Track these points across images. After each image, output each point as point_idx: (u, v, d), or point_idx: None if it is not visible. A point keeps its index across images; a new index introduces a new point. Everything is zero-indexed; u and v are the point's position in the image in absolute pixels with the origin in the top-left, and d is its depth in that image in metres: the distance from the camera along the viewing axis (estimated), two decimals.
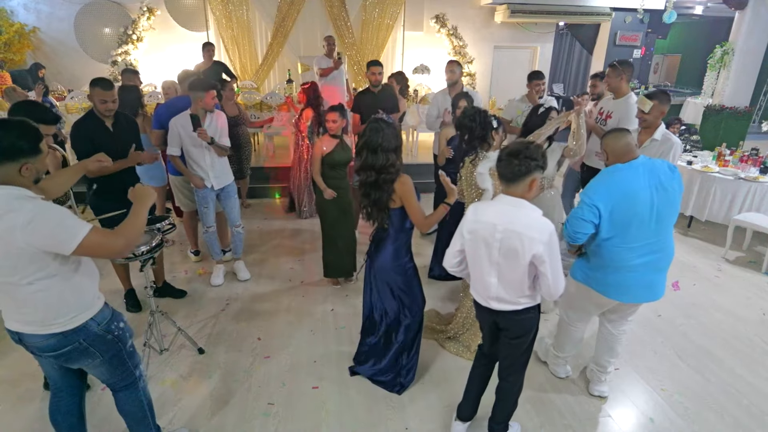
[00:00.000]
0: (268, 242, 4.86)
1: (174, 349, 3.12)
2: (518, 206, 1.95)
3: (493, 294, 2.07)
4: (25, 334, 1.78)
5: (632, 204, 2.24)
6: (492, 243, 1.98)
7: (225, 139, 3.65)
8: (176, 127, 3.49)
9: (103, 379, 2.02)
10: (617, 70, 3.82)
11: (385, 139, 2.45)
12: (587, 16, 8.77)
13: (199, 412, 2.62)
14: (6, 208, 1.58)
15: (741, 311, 3.75)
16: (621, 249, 2.32)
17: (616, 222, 2.27)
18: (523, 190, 1.95)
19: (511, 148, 1.95)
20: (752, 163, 5.20)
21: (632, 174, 2.27)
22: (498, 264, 2.00)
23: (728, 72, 8.16)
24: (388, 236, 2.59)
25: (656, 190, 2.26)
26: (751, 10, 7.74)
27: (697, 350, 3.25)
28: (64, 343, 1.79)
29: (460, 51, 8.68)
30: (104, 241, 1.71)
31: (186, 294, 3.79)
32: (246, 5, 8.04)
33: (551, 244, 1.90)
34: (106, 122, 3.06)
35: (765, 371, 3.05)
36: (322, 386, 2.83)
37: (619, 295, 2.43)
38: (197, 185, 3.64)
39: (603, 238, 2.33)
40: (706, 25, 11.85)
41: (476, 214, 2.05)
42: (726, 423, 2.63)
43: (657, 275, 2.42)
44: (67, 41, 7.77)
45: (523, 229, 1.91)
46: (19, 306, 1.72)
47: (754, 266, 4.54)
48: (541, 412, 2.65)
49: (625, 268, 2.35)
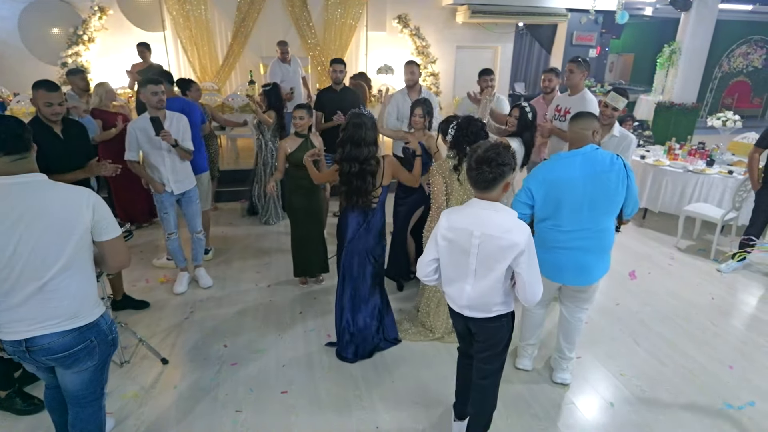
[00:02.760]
0: (233, 246, 4.77)
1: (136, 361, 3.01)
2: (493, 209, 1.91)
3: (465, 302, 2.04)
4: (39, 336, 1.74)
5: (563, 190, 2.41)
6: (470, 249, 1.93)
7: (188, 142, 3.55)
8: (134, 131, 3.37)
9: (78, 390, 1.94)
10: (582, 65, 3.88)
11: (367, 134, 2.76)
12: (545, 16, 9.02)
13: (163, 424, 2.54)
14: (70, 190, 1.74)
15: (692, 296, 3.95)
16: (553, 231, 2.49)
17: (549, 206, 2.45)
18: (498, 194, 1.93)
19: (479, 155, 1.87)
20: (699, 156, 5.50)
21: (568, 162, 2.43)
22: (475, 271, 1.96)
23: (676, 70, 8.58)
24: (376, 212, 2.96)
25: (590, 179, 2.39)
26: (695, 11, 8.16)
27: (653, 335, 3.41)
28: (79, 340, 1.80)
29: (423, 51, 8.75)
30: (126, 248, 1.90)
31: (149, 305, 3.65)
32: (204, 5, 7.83)
33: (529, 246, 1.88)
34: (54, 128, 2.89)
35: (714, 352, 3.23)
36: (292, 390, 2.80)
37: (553, 275, 2.56)
38: (157, 190, 3.53)
39: (538, 219, 2.54)
40: (656, 26, 12.42)
41: (450, 221, 1.99)
42: (680, 403, 2.76)
43: (589, 259, 2.51)
44: (11, 41, 7.35)
45: (501, 233, 1.87)
46: (54, 301, 1.72)
47: (703, 254, 4.79)
48: (508, 403, 2.71)
49: (557, 249, 2.50)
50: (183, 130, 3.51)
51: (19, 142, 1.71)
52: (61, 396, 2.02)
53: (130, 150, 3.42)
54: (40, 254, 1.66)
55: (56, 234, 1.67)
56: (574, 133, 2.50)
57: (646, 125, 7.74)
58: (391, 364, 3.03)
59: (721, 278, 4.32)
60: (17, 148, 1.70)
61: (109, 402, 2.12)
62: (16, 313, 1.71)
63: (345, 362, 3.04)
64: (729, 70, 11.85)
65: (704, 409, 2.71)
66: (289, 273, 4.07)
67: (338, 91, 4.64)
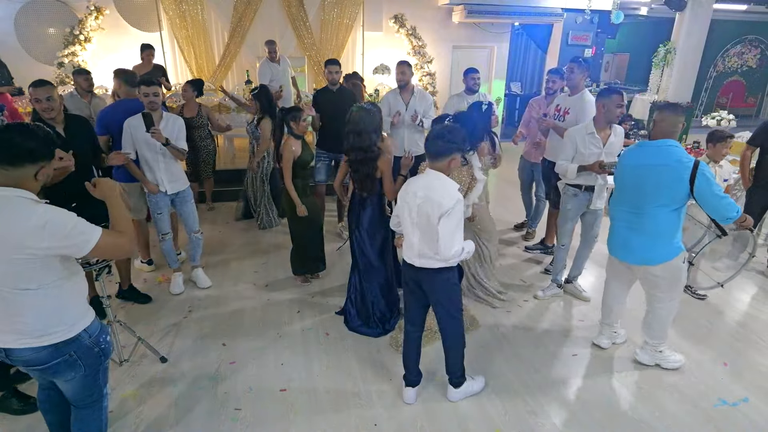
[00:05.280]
0: (230, 246, 4.78)
1: (135, 360, 3.02)
2: (437, 178, 2.33)
3: (416, 251, 2.42)
4: (15, 348, 1.71)
5: (625, 172, 2.80)
6: (413, 207, 2.37)
7: (182, 142, 3.56)
8: (129, 129, 3.38)
9: (71, 395, 1.94)
10: (582, 65, 3.91)
11: (366, 124, 3.02)
12: (540, 16, 9.06)
13: (162, 422, 2.55)
14: (19, 211, 1.58)
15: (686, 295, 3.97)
16: (614, 204, 2.90)
17: (617, 182, 2.88)
18: (443, 166, 2.32)
19: (436, 131, 2.34)
20: (694, 155, 5.54)
21: (639, 150, 2.77)
22: (417, 224, 2.37)
23: (671, 70, 8.64)
24: (373, 198, 3.22)
25: (645, 168, 2.67)
26: (689, 11, 8.22)
27: None
28: (55, 355, 1.74)
29: (419, 51, 8.78)
30: (116, 241, 1.74)
31: (151, 300, 3.70)
32: (201, 5, 7.83)
33: (453, 211, 2.23)
34: (56, 127, 2.90)
35: (709, 349, 3.26)
36: (290, 388, 2.82)
37: (610, 248, 2.95)
38: (151, 190, 3.54)
39: (613, 192, 2.95)
40: (651, 26, 12.48)
41: (407, 185, 2.46)
42: (675, 399, 2.80)
43: (632, 237, 2.77)
44: (8, 41, 7.33)
45: (437, 197, 2.26)
46: (16, 317, 1.66)
47: None
48: (505, 399, 2.74)
49: (613, 222, 2.92)
50: (178, 131, 3.52)
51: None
52: (55, 396, 2.02)
53: (126, 148, 3.43)
54: None
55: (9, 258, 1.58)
56: (657, 123, 2.68)
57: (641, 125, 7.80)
58: (389, 362, 3.05)
59: None
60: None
61: (109, 400, 2.12)
62: None
63: (346, 328, 3.38)
64: (723, 70, 11.93)
65: (699, 406, 2.75)
66: (287, 272, 4.09)
67: (335, 92, 4.66)
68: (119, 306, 3.63)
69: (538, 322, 3.54)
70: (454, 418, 2.60)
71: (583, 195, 3.53)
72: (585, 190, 3.51)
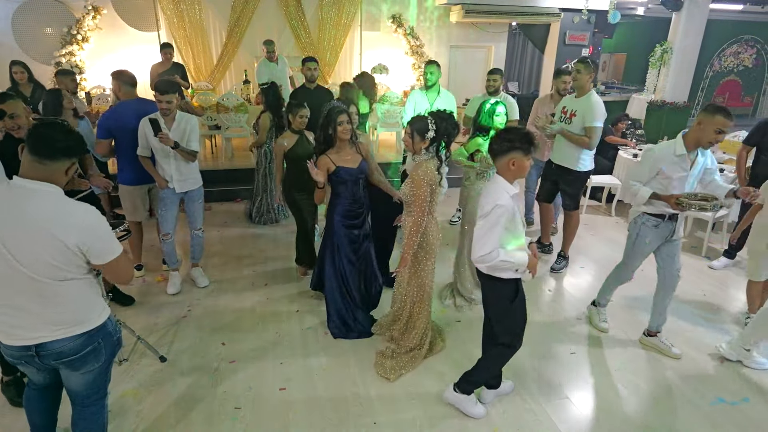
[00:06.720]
0: (229, 246, 4.78)
1: (134, 359, 3.02)
2: (495, 182, 2.28)
3: None
4: (49, 342, 1.76)
5: None
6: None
7: (194, 144, 3.57)
8: (143, 128, 3.45)
9: (83, 390, 1.96)
10: (589, 66, 3.82)
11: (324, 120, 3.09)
12: (538, 16, 9.07)
13: (162, 422, 2.56)
14: (61, 207, 1.68)
15: (684, 293, 4.00)
16: None
17: None
18: (502, 166, 2.25)
19: (498, 131, 2.39)
20: None
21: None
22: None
23: (668, 69, 8.67)
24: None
25: None
26: (686, 11, 8.26)
27: None
28: (87, 343, 1.83)
29: (417, 50, 8.79)
30: (127, 266, 1.89)
31: (134, 301, 3.66)
32: (198, 4, 7.82)
33: (491, 214, 2.18)
34: None
35: (707, 347, 3.28)
36: (290, 387, 2.83)
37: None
38: (160, 185, 3.59)
39: None
40: (648, 25, 12.52)
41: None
42: (674, 397, 2.82)
43: None
44: (4, 41, 7.31)
45: (482, 200, 2.28)
46: (57, 306, 1.73)
47: (695, 251, 4.86)
48: (503, 398, 2.75)
49: None
50: (190, 131, 3.53)
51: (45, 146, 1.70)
52: (46, 397, 2.04)
53: (141, 146, 3.50)
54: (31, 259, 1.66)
55: (43, 243, 1.64)
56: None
57: (638, 124, 7.81)
58: None
59: (713, 275, 4.39)
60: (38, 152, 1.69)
61: (109, 400, 2.13)
62: (21, 319, 1.72)
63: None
64: (720, 70, 11.97)
65: (697, 404, 2.77)
66: (286, 272, 4.10)
67: (312, 90, 4.74)
68: (112, 305, 3.62)
69: (535, 320, 3.55)
70: (452, 418, 2.61)
71: (665, 225, 2.97)
72: (669, 219, 2.95)
